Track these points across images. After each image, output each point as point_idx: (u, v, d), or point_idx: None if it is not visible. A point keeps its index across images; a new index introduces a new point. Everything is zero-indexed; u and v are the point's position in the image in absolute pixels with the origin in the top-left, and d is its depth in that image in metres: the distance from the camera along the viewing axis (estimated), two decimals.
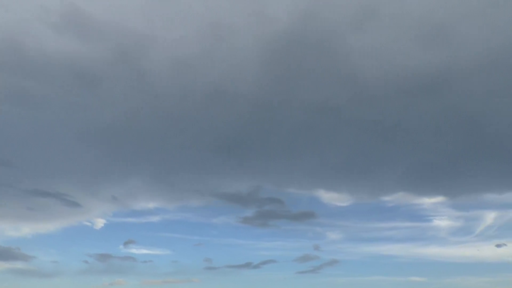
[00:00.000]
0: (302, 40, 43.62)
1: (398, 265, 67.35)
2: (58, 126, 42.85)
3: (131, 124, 46.42)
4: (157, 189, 54.22)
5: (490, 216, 64.72)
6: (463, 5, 41.90)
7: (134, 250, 47.50)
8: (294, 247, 73.94)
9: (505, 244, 63.52)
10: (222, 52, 43.12)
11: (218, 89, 44.61)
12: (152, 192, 52.94)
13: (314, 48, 44.59)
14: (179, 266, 56.88)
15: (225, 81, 44.30)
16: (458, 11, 42.04)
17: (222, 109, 48.93)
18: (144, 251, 48.86)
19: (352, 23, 44.06)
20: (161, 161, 52.39)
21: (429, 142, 56.33)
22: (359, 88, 53.01)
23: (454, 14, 42.24)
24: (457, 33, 44.50)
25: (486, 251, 64.46)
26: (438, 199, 66.50)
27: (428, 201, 67.65)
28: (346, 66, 48.32)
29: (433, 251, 69.54)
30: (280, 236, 75.16)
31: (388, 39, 46.88)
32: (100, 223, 44.86)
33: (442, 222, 67.07)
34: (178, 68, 43.22)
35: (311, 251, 75.03)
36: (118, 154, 49.37)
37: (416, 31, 45.82)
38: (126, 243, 45.67)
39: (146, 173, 50.62)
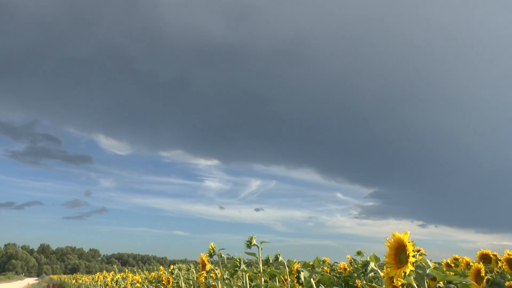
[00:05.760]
0: None
1: (165, 218, 70.82)
2: None
3: None
4: None
5: (255, 184, 73.34)
6: None
7: None
8: (65, 190, 69.60)
9: (262, 209, 72.87)
10: None
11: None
12: None
13: None
14: None
15: None
16: None
17: (6, 22, 43.54)
18: None
19: None
20: None
21: (213, 108, 59.30)
22: (160, 42, 53.04)
23: None
24: (261, 17, 48.65)
25: (246, 213, 72.96)
26: (213, 162, 71.98)
27: (203, 162, 72.66)
28: (149, 19, 48.25)
29: (199, 208, 75.33)
30: (50, 177, 69.40)
31: (198, 5, 48.34)
32: None
33: (213, 184, 73.38)
34: None
35: (82, 196, 71.61)
36: None
37: (227, 6, 48.42)
38: None
39: None
